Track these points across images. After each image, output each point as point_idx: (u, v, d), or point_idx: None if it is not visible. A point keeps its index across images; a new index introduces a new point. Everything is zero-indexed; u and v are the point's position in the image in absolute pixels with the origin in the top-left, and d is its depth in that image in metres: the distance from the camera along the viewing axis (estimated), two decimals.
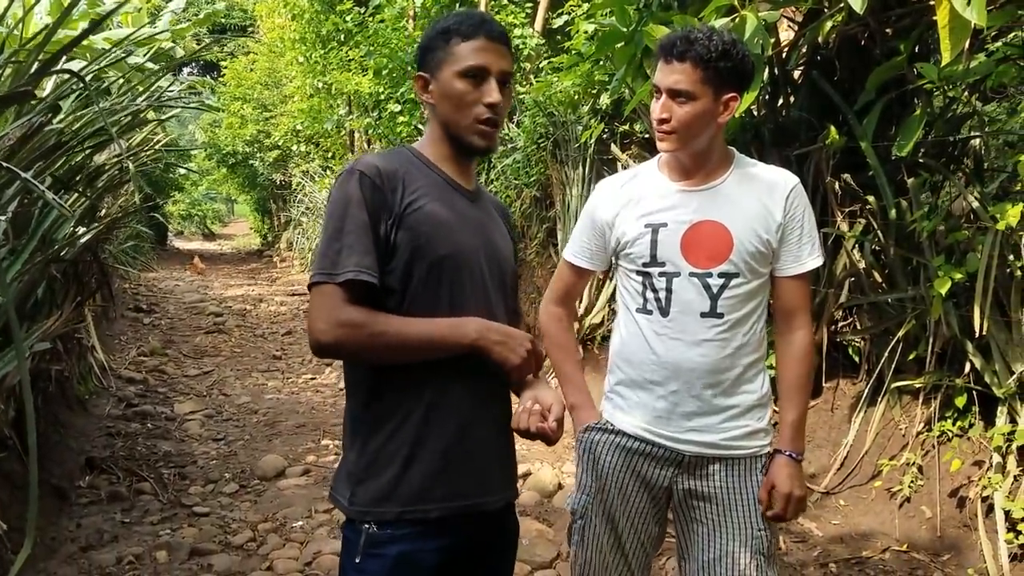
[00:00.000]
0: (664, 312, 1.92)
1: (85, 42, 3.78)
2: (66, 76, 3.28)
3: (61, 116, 3.22)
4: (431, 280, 1.56)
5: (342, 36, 10.91)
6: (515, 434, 1.66)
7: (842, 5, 3.32)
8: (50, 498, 3.99)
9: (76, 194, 3.94)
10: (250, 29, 21.38)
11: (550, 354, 2.12)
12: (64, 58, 3.04)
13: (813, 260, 1.95)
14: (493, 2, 8.94)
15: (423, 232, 1.55)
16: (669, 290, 1.91)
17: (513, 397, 1.70)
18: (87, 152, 3.77)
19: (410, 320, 1.52)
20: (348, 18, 10.26)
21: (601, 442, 2.02)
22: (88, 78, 3.61)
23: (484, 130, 1.61)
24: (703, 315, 1.89)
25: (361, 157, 1.61)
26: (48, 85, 3.51)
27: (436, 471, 1.55)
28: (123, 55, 4.38)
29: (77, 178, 3.87)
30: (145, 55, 5.05)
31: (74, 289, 4.42)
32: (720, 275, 1.88)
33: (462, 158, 1.68)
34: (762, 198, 1.92)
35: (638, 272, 1.97)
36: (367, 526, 1.54)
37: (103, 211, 5.19)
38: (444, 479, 1.56)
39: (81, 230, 4.01)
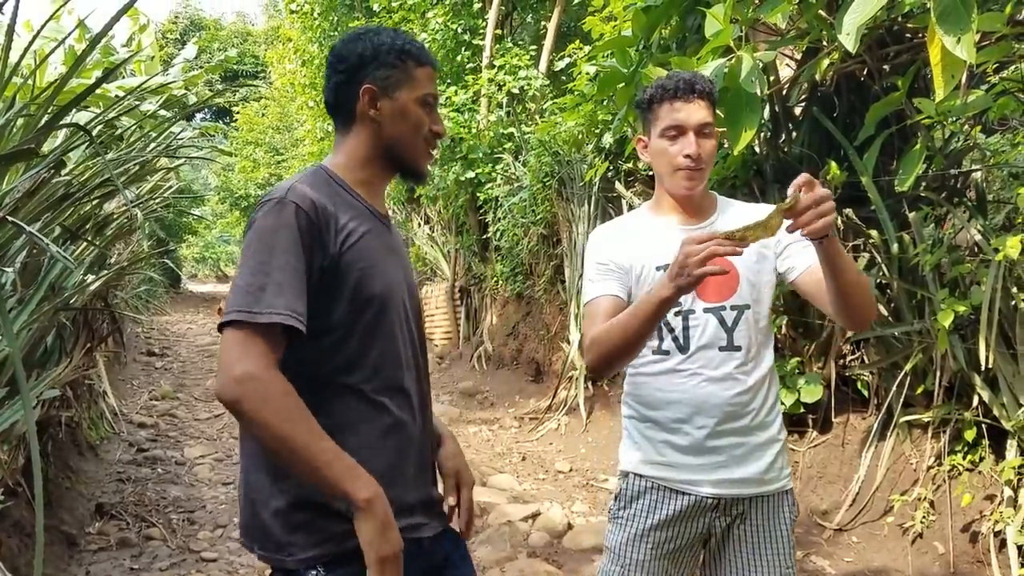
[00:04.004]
0: (683, 349, 1.92)
1: (99, 90, 3.85)
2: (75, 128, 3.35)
3: (69, 168, 3.27)
4: (364, 320, 1.46)
5: None
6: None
7: (838, 44, 3.36)
8: (60, 545, 3.99)
9: (85, 243, 3.99)
10: (261, 75, 21.77)
11: (610, 333, 1.84)
12: (76, 107, 3.10)
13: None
14: (498, 46, 9.09)
15: (359, 269, 1.44)
16: (686, 327, 1.92)
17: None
18: (95, 201, 3.83)
19: (320, 434, 1.32)
20: None
21: (633, 518, 1.98)
22: (100, 127, 3.68)
23: (431, 155, 1.58)
24: (722, 348, 1.90)
25: (292, 186, 1.44)
26: (60, 136, 3.57)
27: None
28: (136, 103, 4.47)
29: (86, 227, 3.92)
30: (158, 102, 5.14)
31: (84, 336, 4.47)
32: (732, 308, 1.90)
33: (383, 182, 1.60)
34: None
35: None
36: (314, 572, 1.40)
37: (113, 258, 5.24)
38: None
39: (90, 278, 4.06)
